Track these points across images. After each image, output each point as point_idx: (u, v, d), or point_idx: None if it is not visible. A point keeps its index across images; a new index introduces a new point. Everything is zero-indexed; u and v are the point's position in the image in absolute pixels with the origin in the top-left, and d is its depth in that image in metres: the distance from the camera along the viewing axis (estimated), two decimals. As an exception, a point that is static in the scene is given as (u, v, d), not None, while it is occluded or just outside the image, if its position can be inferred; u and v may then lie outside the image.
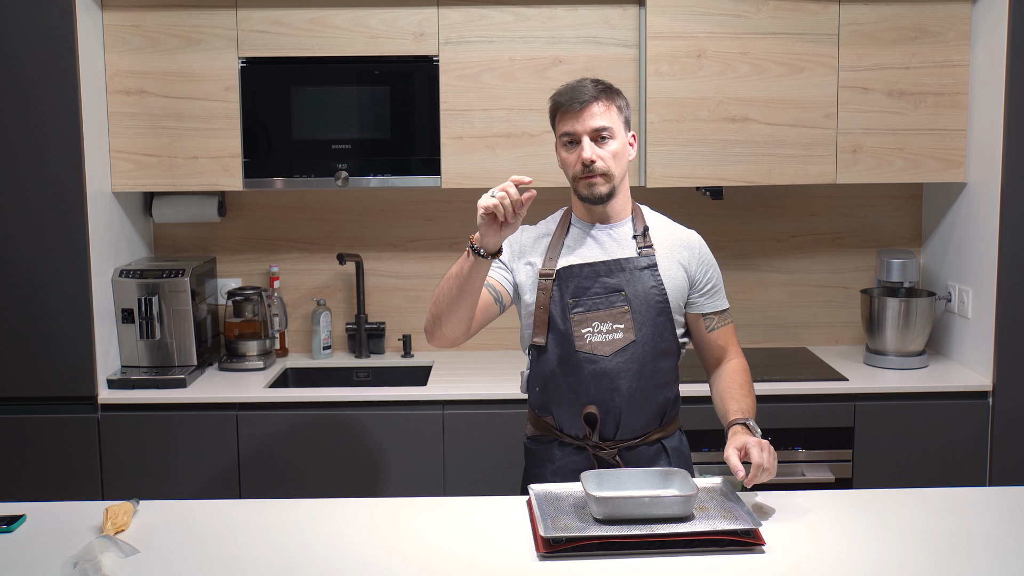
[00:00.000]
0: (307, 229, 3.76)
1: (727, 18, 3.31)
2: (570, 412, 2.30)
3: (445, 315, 2.19)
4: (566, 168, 2.31)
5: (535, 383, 2.34)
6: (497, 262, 2.31)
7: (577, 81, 2.30)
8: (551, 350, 2.29)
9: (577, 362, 2.27)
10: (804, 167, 3.38)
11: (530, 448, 2.39)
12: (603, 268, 2.29)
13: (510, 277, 2.35)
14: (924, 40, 3.35)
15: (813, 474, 3.27)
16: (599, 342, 2.27)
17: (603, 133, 2.24)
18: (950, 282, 3.55)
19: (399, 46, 3.35)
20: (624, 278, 2.28)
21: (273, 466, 3.23)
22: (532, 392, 2.36)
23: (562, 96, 2.27)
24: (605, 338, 2.27)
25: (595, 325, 2.27)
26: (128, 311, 3.36)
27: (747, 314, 3.80)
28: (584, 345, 2.27)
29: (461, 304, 2.17)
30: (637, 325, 2.28)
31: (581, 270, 2.28)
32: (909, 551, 1.94)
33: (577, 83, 2.28)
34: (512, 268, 2.35)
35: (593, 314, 2.27)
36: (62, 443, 3.21)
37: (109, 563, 1.88)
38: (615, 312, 2.27)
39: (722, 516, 2.02)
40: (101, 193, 3.29)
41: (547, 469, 2.33)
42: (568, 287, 2.28)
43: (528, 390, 2.38)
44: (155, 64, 3.33)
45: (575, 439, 2.31)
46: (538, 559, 1.91)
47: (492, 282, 2.31)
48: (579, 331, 2.27)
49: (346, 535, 2.05)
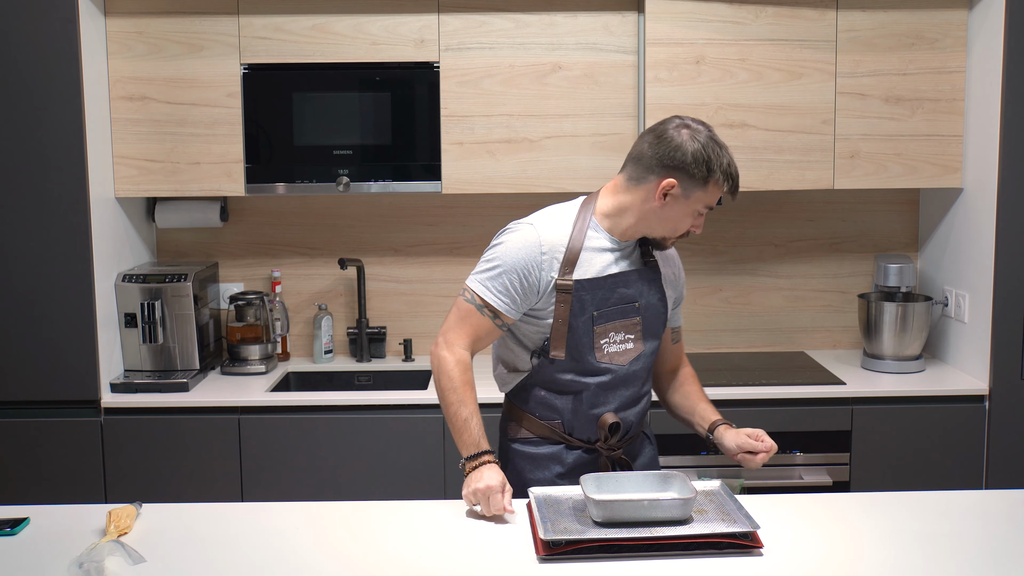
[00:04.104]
0: (309, 234, 3.78)
1: (725, 25, 3.33)
2: (584, 418, 2.30)
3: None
4: (676, 225, 2.24)
5: (539, 388, 2.31)
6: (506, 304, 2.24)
7: (735, 168, 2.23)
8: (567, 358, 2.27)
9: (596, 371, 2.28)
10: (802, 172, 3.40)
11: (528, 452, 2.34)
12: (622, 279, 2.28)
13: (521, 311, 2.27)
14: (921, 46, 3.37)
15: (811, 477, 3.28)
16: (615, 352, 2.28)
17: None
18: (947, 287, 3.57)
19: (400, 53, 3.37)
20: (638, 289, 2.30)
21: (275, 469, 3.25)
22: (533, 397, 2.33)
23: (732, 180, 2.21)
24: (620, 348, 2.29)
25: (611, 335, 2.28)
26: (131, 315, 3.38)
27: (745, 318, 3.82)
28: (603, 356, 2.27)
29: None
30: (646, 335, 2.32)
31: (605, 282, 2.25)
32: (906, 554, 1.95)
33: (736, 172, 2.23)
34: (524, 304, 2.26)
35: (611, 324, 2.27)
36: (65, 447, 3.23)
37: (113, 566, 1.89)
38: (629, 323, 2.29)
39: (720, 519, 2.03)
40: (104, 198, 3.31)
41: (553, 471, 2.32)
42: (591, 299, 2.24)
43: (524, 394, 2.34)
44: (158, 70, 3.35)
45: (585, 443, 2.32)
46: (538, 562, 1.93)
47: (504, 318, 2.25)
48: (599, 342, 2.27)
49: (347, 538, 2.06)
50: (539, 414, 2.32)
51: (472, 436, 2.19)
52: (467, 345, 2.26)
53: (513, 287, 2.22)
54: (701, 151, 2.17)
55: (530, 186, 3.43)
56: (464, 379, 2.22)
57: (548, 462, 2.32)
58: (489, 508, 2.11)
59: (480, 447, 2.18)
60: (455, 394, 2.21)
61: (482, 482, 2.12)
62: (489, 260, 2.25)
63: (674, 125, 2.21)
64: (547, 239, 2.23)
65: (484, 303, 2.23)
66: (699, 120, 2.24)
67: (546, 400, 2.31)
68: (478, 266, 2.27)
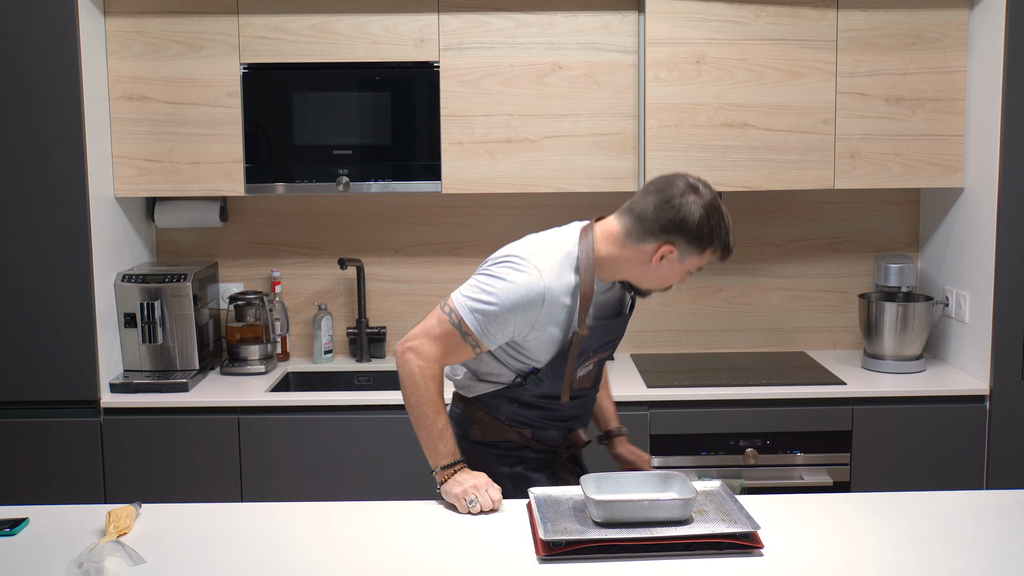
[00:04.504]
0: (308, 234, 3.78)
1: (726, 24, 3.33)
2: (552, 429, 2.41)
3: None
4: (665, 281, 2.29)
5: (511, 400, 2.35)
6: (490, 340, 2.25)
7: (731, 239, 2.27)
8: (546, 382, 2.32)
9: (569, 394, 2.35)
10: (802, 172, 3.39)
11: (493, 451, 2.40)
12: (616, 324, 2.38)
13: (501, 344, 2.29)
14: (921, 46, 3.36)
15: (811, 478, 3.28)
16: (582, 376, 2.37)
17: None
18: (947, 287, 3.56)
19: (400, 52, 3.37)
20: (622, 330, 2.43)
21: (274, 470, 3.25)
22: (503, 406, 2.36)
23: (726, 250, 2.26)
24: (584, 372, 2.37)
25: (586, 365, 2.36)
26: (131, 316, 3.38)
27: (745, 319, 3.82)
28: (575, 381, 2.35)
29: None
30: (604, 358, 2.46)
31: (608, 327, 2.34)
32: (906, 554, 1.95)
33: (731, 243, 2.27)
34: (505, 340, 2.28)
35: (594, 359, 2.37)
36: (65, 447, 3.23)
37: (112, 567, 1.89)
38: (603, 355, 2.41)
39: (721, 519, 2.03)
40: (104, 198, 3.31)
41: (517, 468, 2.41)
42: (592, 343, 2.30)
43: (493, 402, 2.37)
44: (157, 70, 3.35)
45: (547, 447, 2.42)
46: (538, 562, 1.93)
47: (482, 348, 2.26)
48: (577, 374, 2.34)
49: (347, 539, 2.06)
50: (507, 421, 2.39)
51: (448, 446, 2.25)
52: (438, 359, 2.25)
53: (503, 328, 2.22)
54: (705, 223, 2.18)
55: (530, 186, 3.43)
56: (440, 391, 2.27)
57: (512, 459, 2.41)
58: (488, 501, 2.18)
59: (456, 456, 2.25)
60: (431, 406, 2.24)
61: (469, 482, 2.19)
62: (487, 292, 2.20)
63: (680, 191, 2.18)
64: (552, 291, 2.20)
65: (468, 331, 2.22)
66: (704, 182, 2.23)
67: (517, 412, 2.37)
68: (471, 289, 2.23)
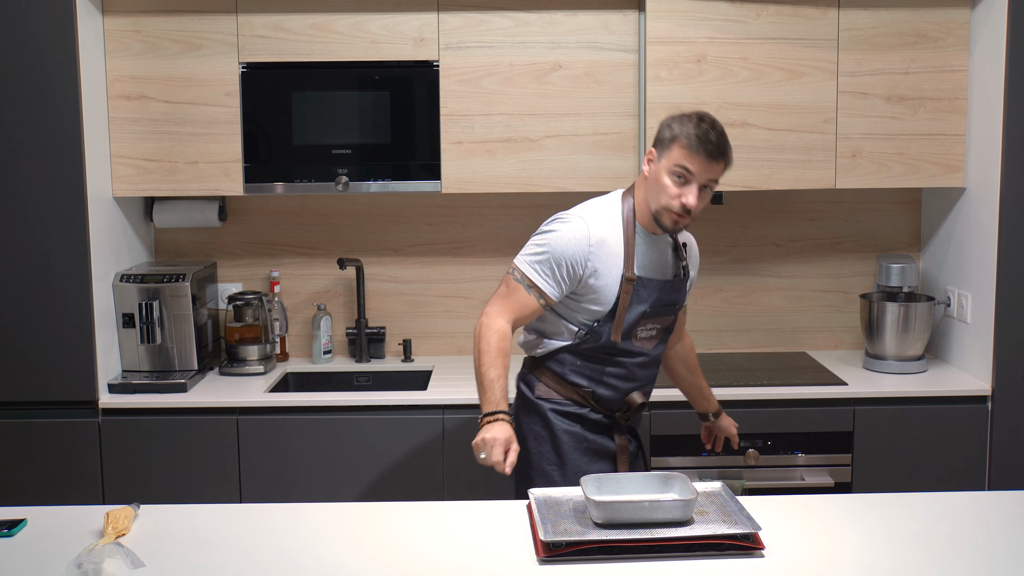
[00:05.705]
0: (308, 234, 3.77)
1: (727, 23, 3.32)
2: (611, 390, 2.55)
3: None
4: (661, 193, 2.41)
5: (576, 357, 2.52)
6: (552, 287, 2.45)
7: (716, 130, 2.36)
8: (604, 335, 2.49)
9: (631, 353, 2.54)
10: (803, 172, 3.38)
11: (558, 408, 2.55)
12: (670, 286, 2.54)
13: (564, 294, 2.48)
14: (923, 45, 3.36)
15: (812, 478, 3.27)
16: (645, 338, 2.55)
17: (710, 185, 2.40)
18: (949, 287, 3.56)
19: (399, 51, 3.36)
20: (679, 295, 2.59)
21: (274, 470, 3.24)
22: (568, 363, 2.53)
23: (703, 139, 2.34)
24: (648, 334, 2.56)
25: (647, 325, 2.54)
26: (129, 316, 3.37)
27: (747, 319, 3.81)
28: (638, 341, 2.54)
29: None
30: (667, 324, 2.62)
31: (662, 285, 2.52)
32: (908, 555, 1.95)
33: (718, 135, 2.36)
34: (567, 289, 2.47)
35: (654, 320, 2.54)
36: (63, 447, 3.22)
37: (111, 568, 1.88)
38: (666, 319, 2.58)
39: (722, 520, 2.02)
40: (102, 198, 3.30)
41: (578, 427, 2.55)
42: (647, 297, 2.49)
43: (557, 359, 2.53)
44: (156, 69, 3.34)
45: (606, 409, 2.57)
46: (538, 563, 1.92)
47: (548, 299, 2.46)
48: (638, 331, 2.52)
49: (346, 539, 2.06)
50: (571, 379, 2.54)
51: (495, 396, 2.38)
52: (509, 319, 2.45)
53: (559, 273, 2.43)
54: (672, 121, 2.41)
55: (530, 185, 3.42)
56: (500, 347, 2.42)
57: (575, 418, 2.55)
58: (489, 457, 2.30)
59: (499, 407, 2.38)
60: (488, 356, 2.41)
61: (490, 433, 2.33)
62: (539, 244, 2.47)
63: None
64: (596, 234, 2.44)
65: (531, 283, 2.45)
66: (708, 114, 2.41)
67: (581, 369, 2.53)
68: (527, 248, 2.49)
